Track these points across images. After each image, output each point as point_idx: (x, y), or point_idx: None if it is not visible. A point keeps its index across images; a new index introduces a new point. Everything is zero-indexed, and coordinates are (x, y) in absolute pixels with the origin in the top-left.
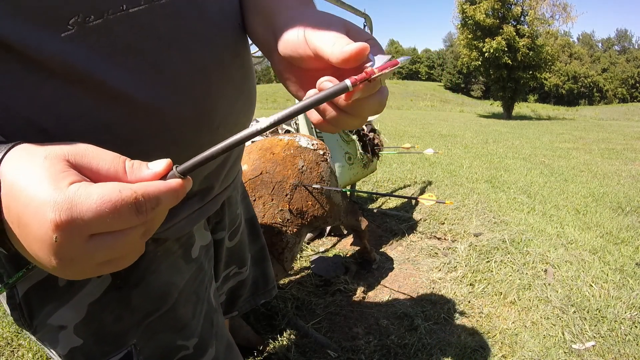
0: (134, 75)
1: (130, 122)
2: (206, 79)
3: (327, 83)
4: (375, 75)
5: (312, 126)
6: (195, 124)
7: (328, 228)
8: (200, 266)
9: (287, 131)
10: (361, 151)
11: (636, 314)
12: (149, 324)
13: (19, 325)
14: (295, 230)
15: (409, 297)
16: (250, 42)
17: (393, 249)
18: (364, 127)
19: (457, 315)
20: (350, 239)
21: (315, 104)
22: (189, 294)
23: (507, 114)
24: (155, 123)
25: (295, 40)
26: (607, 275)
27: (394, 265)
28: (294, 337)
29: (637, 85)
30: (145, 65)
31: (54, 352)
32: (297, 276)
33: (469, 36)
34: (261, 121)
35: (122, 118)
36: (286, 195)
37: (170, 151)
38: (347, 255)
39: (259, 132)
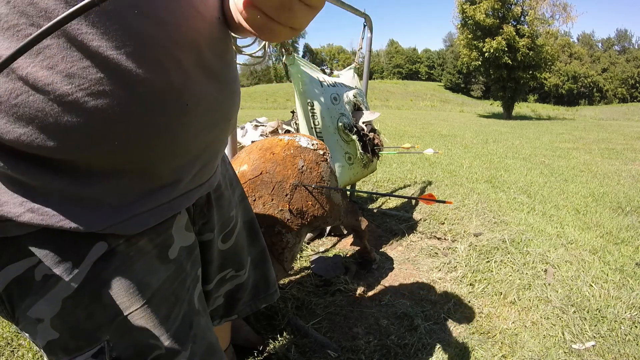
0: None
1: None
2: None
3: None
4: None
5: (312, 126)
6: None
7: (328, 228)
8: (180, 267)
9: (287, 131)
10: (361, 151)
11: (636, 314)
12: (121, 321)
13: (3, 317)
14: (295, 230)
15: (409, 297)
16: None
17: (393, 249)
18: (364, 127)
19: (457, 315)
20: (350, 239)
21: (64, 20)
22: (167, 294)
23: (507, 114)
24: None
25: (234, 8)
26: (607, 275)
27: (394, 265)
28: (294, 337)
29: (637, 85)
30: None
31: (36, 343)
32: (297, 276)
33: (469, 36)
34: (246, 127)
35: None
36: (286, 195)
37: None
38: (347, 255)
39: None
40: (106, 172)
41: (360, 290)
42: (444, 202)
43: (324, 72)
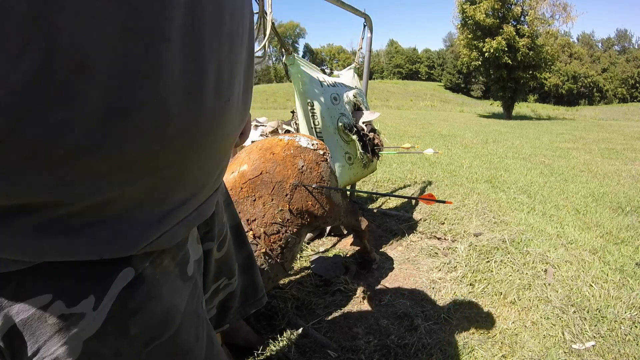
0: None
1: None
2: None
3: None
4: None
5: (312, 126)
6: None
7: (328, 228)
8: (195, 283)
9: (287, 131)
10: (361, 151)
11: (636, 314)
12: (150, 352)
13: None
14: (295, 230)
15: (409, 297)
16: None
17: (393, 249)
18: (364, 127)
19: (457, 315)
20: (350, 239)
21: None
22: (191, 315)
23: (507, 114)
24: None
25: None
26: (607, 275)
27: (394, 265)
28: (294, 337)
29: (637, 85)
30: None
31: None
32: (297, 276)
33: (469, 36)
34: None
35: None
36: (286, 195)
37: None
38: (347, 255)
39: None
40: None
41: (360, 290)
42: (443, 202)
43: (324, 72)
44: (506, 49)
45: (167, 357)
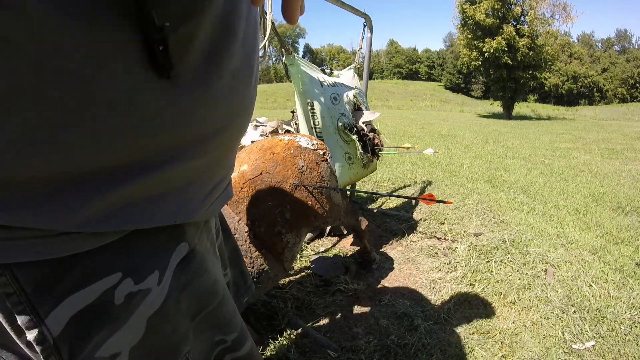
0: None
1: None
2: None
3: None
4: None
5: (312, 126)
6: None
7: (328, 228)
8: (219, 263)
9: (287, 131)
10: (361, 151)
11: (636, 314)
12: (196, 325)
13: None
14: (295, 230)
15: (409, 297)
16: None
17: (393, 249)
18: (364, 127)
19: (457, 315)
20: (350, 239)
21: None
22: (226, 289)
23: (507, 114)
24: None
25: None
26: (607, 275)
27: (394, 265)
28: (294, 337)
29: (637, 85)
30: None
31: None
32: (297, 276)
33: (469, 36)
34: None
35: None
36: (286, 195)
37: None
38: (347, 255)
39: None
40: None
41: (360, 290)
42: (443, 202)
43: (324, 72)
44: (506, 49)
45: (208, 327)
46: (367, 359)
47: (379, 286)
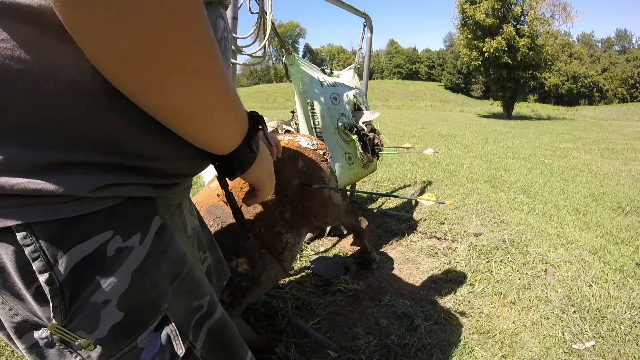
0: None
1: None
2: None
3: None
4: None
5: (312, 126)
6: None
7: (328, 228)
8: (193, 243)
9: (287, 131)
10: (361, 151)
11: (636, 314)
12: (175, 288)
13: (54, 317)
14: (295, 230)
15: (409, 297)
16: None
17: (393, 249)
18: (364, 127)
19: (457, 315)
20: (350, 239)
21: None
22: (195, 263)
23: (507, 114)
24: None
25: None
26: (607, 275)
27: (394, 265)
28: (294, 337)
29: (637, 85)
30: None
31: (88, 340)
32: (297, 276)
33: (469, 36)
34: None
35: None
36: (285, 195)
37: None
38: (347, 255)
39: None
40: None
41: (360, 290)
42: (443, 202)
43: (324, 72)
44: (506, 48)
45: (184, 292)
46: (367, 359)
47: (379, 286)
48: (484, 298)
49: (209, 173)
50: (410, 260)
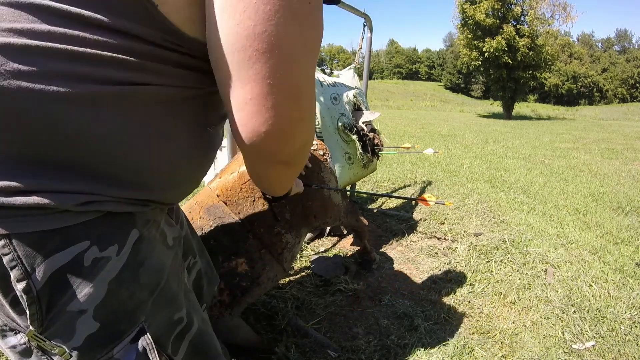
0: None
1: None
2: None
3: None
4: None
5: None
6: None
7: (328, 228)
8: (176, 254)
9: None
10: (361, 151)
11: (636, 314)
12: (155, 300)
13: (31, 324)
14: (295, 230)
15: (409, 297)
16: None
17: (393, 249)
18: (364, 127)
19: (457, 315)
20: (350, 239)
21: None
22: (174, 273)
23: (507, 114)
24: None
25: None
26: (607, 275)
27: (394, 265)
28: (294, 337)
29: (637, 85)
30: None
31: (64, 348)
32: (297, 276)
33: (469, 36)
34: None
35: None
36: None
37: None
38: (347, 255)
39: None
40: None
41: (360, 290)
42: (443, 203)
43: (324, 72)
44: (506, 48)
45: (163, 305)
46: (367, 359)
47: (379, 286)
48: (484, 298)
49: (209, 174)
50: (410, 260)
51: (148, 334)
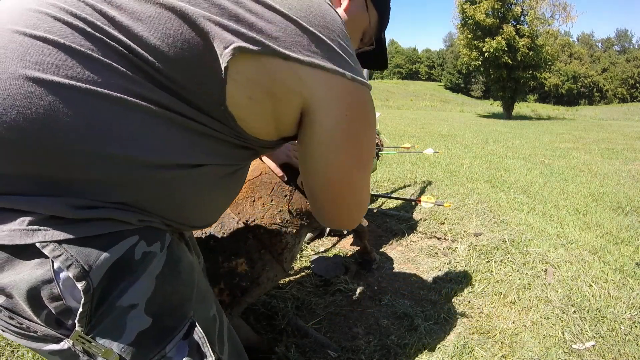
0: None
1: None
2: None
3: None
4: None
5: None
6: None
7: (328, 228)
8: (197, 260)
9: None
10: None
11: (636, 314)
12: (196, 294)
13: (79, 326)
14: (294, 230)
15: (409, 297)
16: None
17: (393, 249)
18: None
19: (457, 315)
20: (350, 239)
21: None
22: (200, 272)
23: (507, 114)
24: None
25: None
26: (607, 275)
27: (394, 265)
28: (294, 337)
29: (637, 85)
30: None
31: (111, 350)
32: (297, 276)
33: (469, 36)
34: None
35: None
36: (285, 195)
37: None
38: (347, 255)
39: None
40: None
41: (360, 290)
42: (442, 204)
43: None
44: (506, 48)
45: (201, 298)
46: (367, 359)
47: (379, 286)
48: (484, 298)
49: None
50: (410, 260)
51: (199, 327)
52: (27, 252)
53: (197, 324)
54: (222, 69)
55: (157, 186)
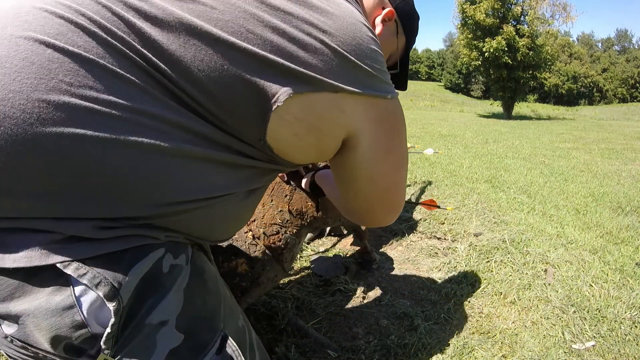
0: None
1: None
2: None
3: None
4: None
5: None
6: None
7: (328, 228)
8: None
9: None
10: None
11: (636, 314)
12: (224, 306)
13: (102, 347)
14: (295, 231)
15: (409, 297)
16: None
17: (393, 249)
18: None
19: (457, 315)
20: (350, 239)
21: None
22: (222, 281)
23: (507, 114)
24: None
25: None
26: (607, 275)
27: (394, 265)
28: (294, 337)
29: (637, 85)
30: None
31: None
32: (297, 276)
33: (469, 36)
34: None
35: None
36: (285, 196)
37: None
38: (347, 255)
39: None
40: None
41: (360, 290)
42: (445, 208)
43: None
44: (506, 48)
45: (229, 309)
46: (367, 359)
47: (379, 286)
48: (484, 298)
49: None
50: (410, 260)
51: (232, 339)
52: (42, 275)
53: (229, 336)
54: (272, 109)
55: (187, 214)
